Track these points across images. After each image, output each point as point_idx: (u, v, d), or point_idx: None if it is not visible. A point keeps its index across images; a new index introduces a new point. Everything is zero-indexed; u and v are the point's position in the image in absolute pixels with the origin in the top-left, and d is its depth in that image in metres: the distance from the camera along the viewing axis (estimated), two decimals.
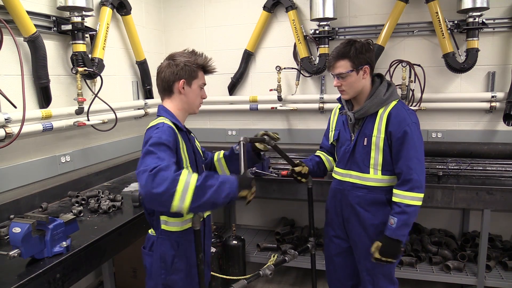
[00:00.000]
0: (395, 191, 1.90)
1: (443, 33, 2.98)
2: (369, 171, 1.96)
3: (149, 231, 1.77)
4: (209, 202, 1.45)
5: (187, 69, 1.73)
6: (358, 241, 2.08)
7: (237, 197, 1.53)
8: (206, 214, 1.80)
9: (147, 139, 1.56)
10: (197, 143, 1.91)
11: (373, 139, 1.92)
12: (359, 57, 1.87)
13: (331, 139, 2.17)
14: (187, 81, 1.73)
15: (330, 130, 2.20)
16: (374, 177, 1.96)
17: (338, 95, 3.33)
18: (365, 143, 1.95)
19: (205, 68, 1.81)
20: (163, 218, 1.68)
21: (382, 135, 1.90)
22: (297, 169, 2.12)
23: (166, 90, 1.75)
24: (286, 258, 2.16)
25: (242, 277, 2.95)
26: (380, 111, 1.93)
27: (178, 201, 1.41)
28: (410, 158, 1.86)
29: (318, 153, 2.30)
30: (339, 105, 2.17)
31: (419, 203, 1.89)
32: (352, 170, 2.02)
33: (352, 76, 1.89)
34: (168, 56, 1.77)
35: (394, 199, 1.90)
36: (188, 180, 1.43)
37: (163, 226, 1.68)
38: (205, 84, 1.83)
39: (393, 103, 1.93)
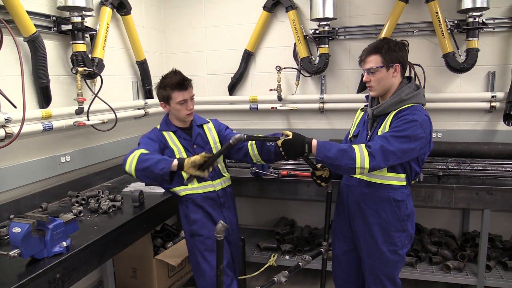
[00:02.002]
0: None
1: (443, 33, 2.98)
2: None
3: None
4: (149, 170, 1.84)
5: (160, 93, 2.12)
6: (361, 239, 2.06)
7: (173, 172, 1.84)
8: (226, 184, 2.23)
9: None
10: (209, 135, 2.24)
11: (378, 134, 1.90)
12: (391, 54, 1.88)
13: (350, 135, 2.15)
14: (164, 102, 2.12)
15: (352, 127, 2.18)
16: (379, 173, 1.93)
17: (339, 95, 3.39)
18: None
19: (179, 86, 2.07)
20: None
21: (386, 130, 1.88)
22: (318, 173, 2.09)
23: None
24: (300, 263, 2.16)
25: (243, 277, 2.97)
26: (395, 111, 1.90)
27: (128, 166, 1.92)
28: (385, 138, 1.80)
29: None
30: (365, 105, 2.15)
31: (358, 164, 1.77)
32: None
33: (381, 72, 1.89)
34: None
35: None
36: (136, 153, 1.94)
37: (175, 189, 2.14)
38: (185, 100, 2.09)
39: (410, 104, 1.90)
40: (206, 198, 2.15)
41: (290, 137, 1.86)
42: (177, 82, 2.06)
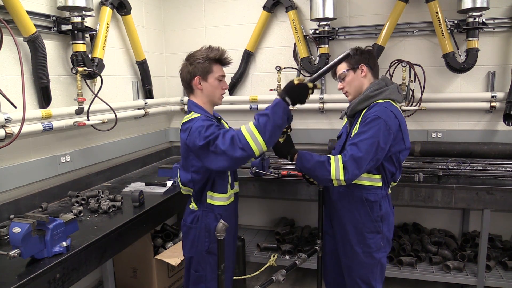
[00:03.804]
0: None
1: (443, 33, 2.98)
2: None
3: (190, 206, 1.99)
4: (275, 126, 1.67)
5: (200, 66, 1.88)
6: (339, 240, 2.08)
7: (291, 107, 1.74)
8: (237, 190, 2.07)
9: (189, 131, 1.78)
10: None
11: (352, 134, 1.92)
12: (354, 57, 1.98)
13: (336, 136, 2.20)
14: (202, 77, 1.89)
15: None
16: None
17: (339, 95, 3.39)
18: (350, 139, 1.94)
19: (220, 61, 1.94)
20: (209, 193, 1.91)
21: (356, 130, 1.89)
22: None
23: (187, 88, 1.96)
24: (297, 262, 2.16)
25: (243, 277, 2.97)
26: (365, 109, 1.92)
27: (254, 145, 1.66)
28: (354, 144, 1.81)
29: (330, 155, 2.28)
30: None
31: (334, 176, 1.80)
32: None
33: (349, 75, 1.99)
34: (186, 57, 1.96)
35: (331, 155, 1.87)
36: (247, 127, 1.68)
37: (208, 201, 1.92)
38: (223, 76, 1.96)
39: (379, 101, 1.91)
40: (232, 204, 2.02)
41: (281, 141, 1.98)
42: (220, 55, 1.91)
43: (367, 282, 2.01)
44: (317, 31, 3.25)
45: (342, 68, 1.99)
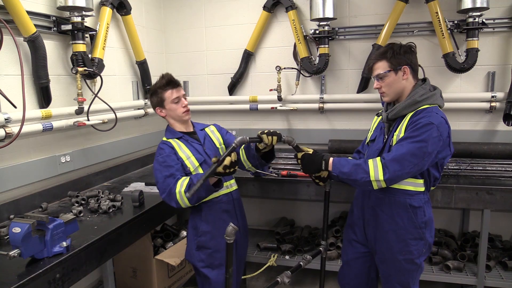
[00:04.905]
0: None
1: (443, 33, 2.98)
2: None
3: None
4: (200, 196, 1.90)
5: (154, 99, 2.14)
6: (377, 246, 2.00)
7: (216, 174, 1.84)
8: (233, 188, 2.19)
9: (154, 160, 2.10)
10: (213, 136, 2.24)
11: (394, 138, 1.86)
12: (397, 57, 1.85)
13: (367, 140, 2.13)
14: (159, 106, 2.14)
15: (369, 132, 2.15)
16: None
17: (339, 95, 3.39)
18: (391, 143, 1.88)
19: (169, 85, 2.11)
20: None
21: (402, 134, 1.83)
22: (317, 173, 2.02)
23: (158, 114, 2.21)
24: (301, 263, 2.15)
25: (243, 276, 2.96)
26: (411, 113, 1.86)
27: (182, 203, 1.93)
28: (401, 145, 1.77)
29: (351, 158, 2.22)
30: (381, 111, 2.11)
31: (373, 177, 1.77)
32: None
33: (390, 76, 1.87)
34: None
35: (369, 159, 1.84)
36: (179, 190, 1.91)
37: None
38: (178, 97, 2.11)
39: (426, 106, 1.85)
40: (221, 203, 2.10)
41: (310, 152, 1.92)
42: (166, 82, 2.10)
43: (406, 286, 1.98)
44: (317, 31, 3.24)
45: (382, 68, 1.87)
